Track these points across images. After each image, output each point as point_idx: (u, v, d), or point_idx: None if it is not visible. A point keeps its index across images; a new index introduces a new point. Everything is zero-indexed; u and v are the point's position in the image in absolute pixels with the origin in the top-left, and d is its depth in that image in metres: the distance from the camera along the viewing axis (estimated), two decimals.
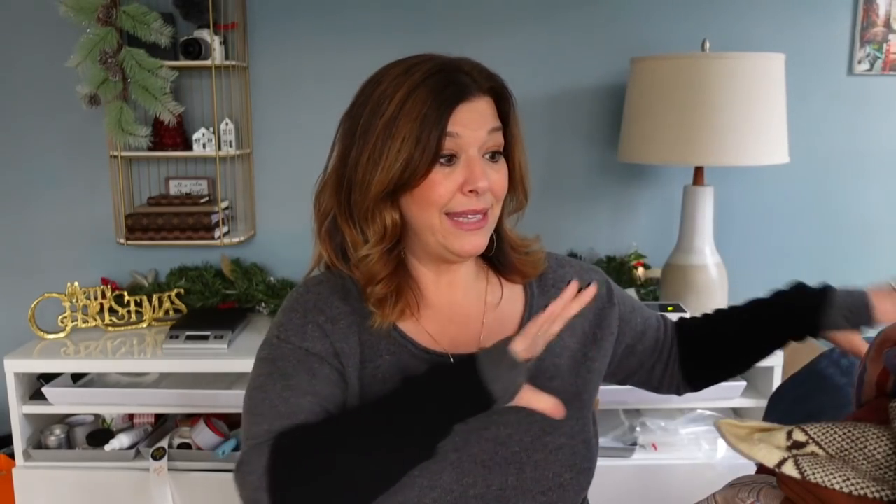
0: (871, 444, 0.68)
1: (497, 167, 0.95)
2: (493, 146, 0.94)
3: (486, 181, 0.92)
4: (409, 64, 0.92)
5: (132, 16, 2.04)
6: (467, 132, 0.91)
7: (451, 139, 0.90)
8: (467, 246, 0.94)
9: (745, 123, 1.87)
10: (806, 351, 2.18)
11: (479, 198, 0.93)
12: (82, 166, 2.31)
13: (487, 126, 0.93)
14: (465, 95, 0.91)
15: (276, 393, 0.89)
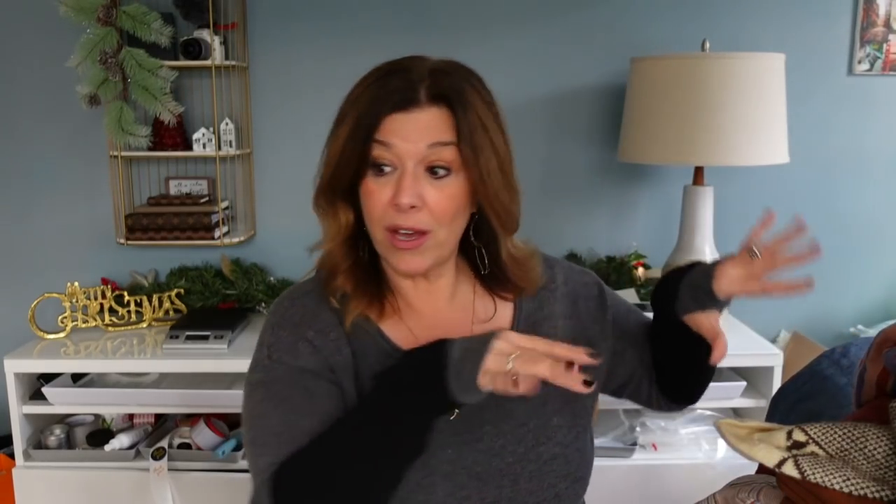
0: (871, 444, 0.68)
1: (440, 185, 0.87)
2: (435, 161, 0.86)
3: (410, 199, 0.85)
4: (381, 65, 0.90)
5: (132, 16, 2.04)
6: (402, 143, 0.85)
7: (383, 149, 0.86)
8: (402, 265, 0.90)
9: (745, 123, 1.87)
10: (806, 351, 2.19)
11: (410, 215, 0.86)
12: (82, 166, 2.31)
13: (428, 139, 0.85)
14: (403, 105, 0.85)
15: (278, 419, 0.87)
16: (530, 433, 0.95)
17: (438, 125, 0.86)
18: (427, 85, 0.86)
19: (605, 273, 2.28)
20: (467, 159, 0.86)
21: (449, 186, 0.87)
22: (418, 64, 0.88)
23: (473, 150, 0.86)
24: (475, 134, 0.86)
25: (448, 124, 0.86)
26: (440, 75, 0.87)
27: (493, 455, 0.93)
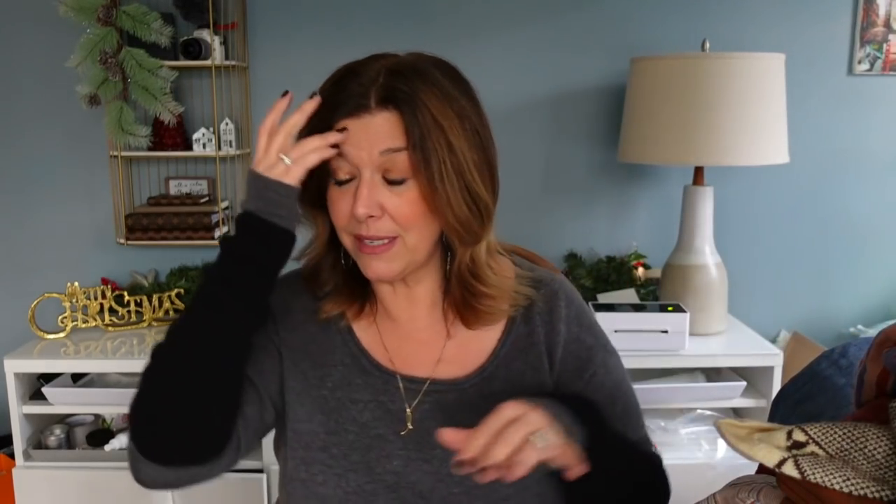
0: (871, 444, 0.68)
1: (399, 192, 0.83)
2: (390, 169, 0.83)
3: (367, 208, 0.82)
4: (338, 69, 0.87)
5: (132, 16, 2.04)
6: (355, 152, 0.83)
7: (339, 158, 0.84)
8: (370, 271, 0.87)
9: (745, 123, 1.87)
10: (806, 351, 2.19)
11: (371, 224, 0.84)
12: (82, 166, 2.31)
13: (380, 146, 0.82)
14: (354, 111, 0.82)
15: None
16: None
17: (389, 130, 0.82)
18: (377, 88, 0.82)
19: (605, 273, 2.28)
20: (416, 165, 0.82)
21: (408, 192, 0.83)
22: (374, 65, 0.84)
23: (424, 155, 0.81)
24: (428, 137, 0.81)
25: (400, 128, 0.82)
26: (393, 76, 0.83)
27: (440, 480, 0.89)
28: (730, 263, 2.13)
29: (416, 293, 0.95)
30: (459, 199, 0.83)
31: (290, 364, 0.94)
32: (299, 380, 0.93)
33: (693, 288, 2.03)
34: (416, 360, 0.94)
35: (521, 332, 0.94)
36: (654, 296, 2.24)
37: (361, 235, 0.85)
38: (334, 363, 0.94)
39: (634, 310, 1.93)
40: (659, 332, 1.90)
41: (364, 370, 0.93)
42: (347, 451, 0.91)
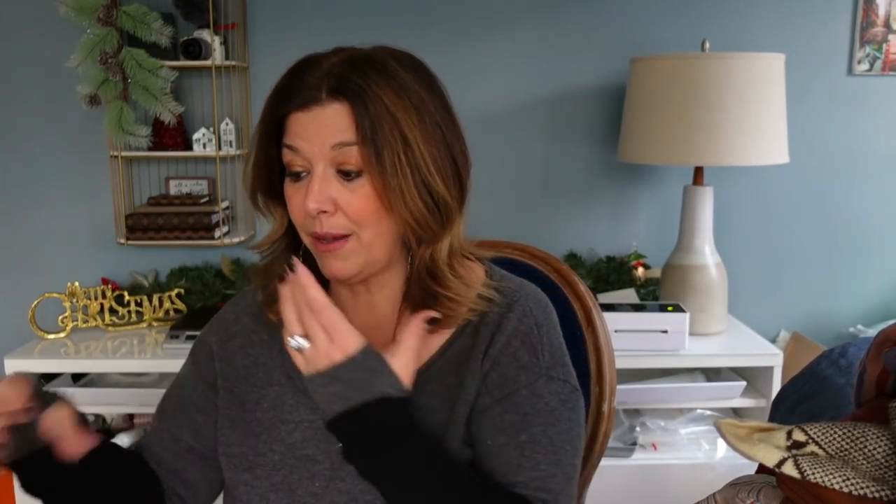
0: (870, 444, 0.68)
1: (352, 187, 0.80)
2: (342, 164, 0.79)
3: (318, 203, 0.79)
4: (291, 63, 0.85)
5: (132, 16, 2.04)
6: (305, 145, 0.79)
7: (292, 153, 0.81)
8: (326, 270, 0.84)
9: (745, 123, 1.87)
10: (806, 351, 2.19)
11: (324, 220, 0.80)
12: (82, 166, 2.31)
13: (331, 140, 0.79)
14: (304, 103, 0.79)
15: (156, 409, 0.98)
16: None
17: (340, 123, 0.78)
18: (329, 79, 0.79)
19: (605, 273, 2.28)
20: (368, 158, 0.78)
21: (361, 187, 0.80)
22: (331, 57, 0.81)
23: (376, 148, 0.78)
24: (379, 130, 0.78)
25: (348, 121, 0.78)
26: (347, 68, 0.79)
27: (351, 499, 0.85)
28: (730, 263, 2.13)
29: (376, 300, 0.91)
30: (415, 194, 0.80)
31: (226, 393, 0.93)
32: (234, 406, 0.92)
33: (693, 288, 2.03)
34: None
35: (465, 345, 0.88)
36: (654, 296, 2.24)
37: (316, 233, 0.82)
38: (271, 383, 0.92)
39: (634, 310, 1.93)
40: (659, 332, 1.90)
41: (297, 390, 0.90)
42: (271, 471, 0.88)
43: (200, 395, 0.94)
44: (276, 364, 0.92)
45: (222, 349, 0.95)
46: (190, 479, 0.94)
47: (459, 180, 0.85)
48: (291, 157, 0.81)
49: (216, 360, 0.95)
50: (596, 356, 1.17)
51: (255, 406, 0.91)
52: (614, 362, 1.18)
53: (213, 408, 0.94)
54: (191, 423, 0.94)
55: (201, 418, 0.94)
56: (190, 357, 0.98)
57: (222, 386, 0.94)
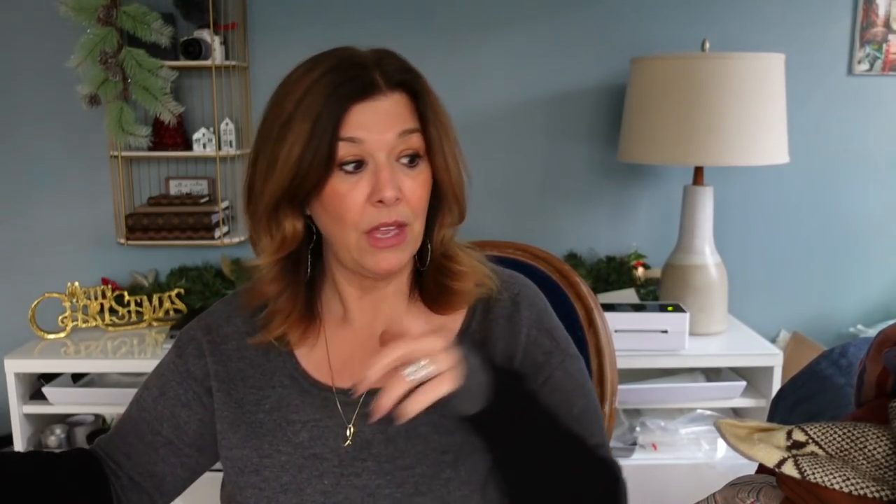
0: (870, 444, 0.68)
1: (414, 174, 0.83)
2: (406, 150, 0.82)
3: (394, 191, 0.80)
4: (316, 59, 0.83)
5: (132, 16, 2.04)
6: (370, 135, 0.80)
7: (351, 144, 0.79)
8: (382, 264, 0.83)
9: (745, 123, 1.87)
10: (806, 351, 2.19)
11: (391, 209, 0.81)
12: (82, 166, 2.31)
13: (397, 128, 0.81)
14: (365, 93, 0.80)
15: (132, 400, 0.97)
16: (413, 479, 0.85)
17: (402, 112, 0.82)
18: (381, 72, 0.81)
19: (605, 273, 2.28)
20: (434, 144, 0.83)
21: (421, 174, 0.83)
22: (363, 52, 0.83)
23: (438, 134, 0.84)
24: (437, 117, 0.84)
25: (409, 110, 0.82)
26: (393, 60, 0.83)
27: (368, 494, 0.86)
28: (730, 263, 2.13)
29: (387, 294, 0.91)
30: (461, 173, 0.87)
31: (223, 395, 0.92)
32: (233, 408, 0.92)
33: (693, 288, 2.03)
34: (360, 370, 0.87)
35: (476, 338, 0.91)
36: (654, 296, 2.24)
37: (380, 224, 0.81)
38: (273, 385, 0.91)
39: (634, 310, 1.93)
40: (659, 332, 1.90)
41: (303, 390, 0.91)
42: (279, 472, 0.88)
43: (187, 391, 0.94)
44: (275, 367, 0.92)
45: (216, 350, 0.94)
46: (158, 473, 0.93)
47: None
48: (349, 150, 0.80)
49: (209, 360, 0.93)
50: (597, 357, 1.17)
51: (256, 407, 0.91)
52: (615, 363, 1.18)
53: (199, 405, 0.93)
54: (173, 418, 0.93)
55: (185, 414, 0.93)
56: (174, 350, 0.96)
57: (218, 388, 0.93)
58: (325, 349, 0.92)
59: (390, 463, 0.86)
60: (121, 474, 0.93)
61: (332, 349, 0.92)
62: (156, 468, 0.93)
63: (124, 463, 0.93)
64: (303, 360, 0.92)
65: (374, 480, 0.86)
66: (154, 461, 0.93)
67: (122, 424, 0.96)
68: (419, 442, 0.87)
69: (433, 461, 0.86)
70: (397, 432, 0.86)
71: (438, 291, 0.90)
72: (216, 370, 0.93)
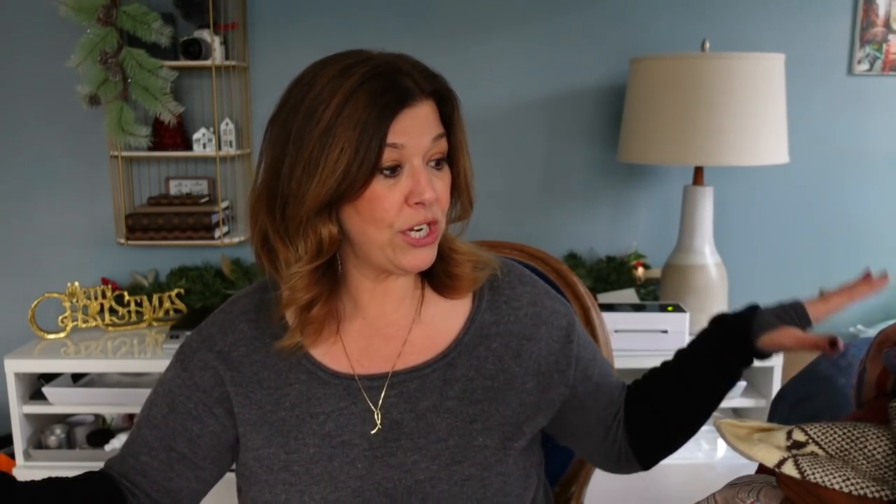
0: (870, 444, 0.68)
1: (441, 175, 0.88)
2: (437, 154, 0.86)
3: (433, 192, 0.84)
4: (344, 65, 0.83)
5: (132, 16, 2.04)
6: (410, 141, 0.83)
7: (393, 150, 0.82)
8: (416, 261, 0.87)
9: (745, 123, 1.87)
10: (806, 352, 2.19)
11: (427, 210, 0.85)
12: (82, 166, 2.31)
13: (431, 133, 0.85)
14: (406, 101, 0.83)
15: (139, 418, 0.96)
16: (448, 450, 0.90)
17: (435, 117, 0.87)
18: (419, 80, 0.85)
19: (605, 273, 2.28)
20: (459, 147, 0.89)
21: (447, 175, 0.89)
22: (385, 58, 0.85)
23: (460, 137, 0.89)
24: (460, 121, 0.89)
25: (437, 116, 0.87)
26: (418, 67, 0.86)
27: (405, 471, 0.90)
28: (730, 263, 2.13)
29: (394, 286, 0.94)
30: (473, 177, 0.92)
31: (242, 399, 0.92)
32: (254, 410, 0.92)
33: (693, 288, 2.03)
34: (379, 357, 0.93)
35: (487, 320, 0.96)
36: (654, 296, 2.24)
37: (417, 223, 0.85)
38: (290, 382, 0.92)
39: (634, 310, 1.93)
40: (659, 332, 1.90)
41: (322, 381, 0.92)
42: (309, 464, 0.90)
43: (197, 404, 0.93)
44: (289, 365, 0.92)
45: (226, 358, 0.93)
46: (174, 489, 0.93)
47: None
48: (390, 154, 0.83)
49: (221, 368, 0.93)
50: None
51: (276, 406, 0.92)
52: (613, 362, 1.18)
53: (209, 416, 0.93)
54: (186, 432, 0.93)
55: (197, 427, 0.93)
56: (178, 365, 0.95)
57: (236, 392, 0.92)
58: (340, 342, 0.94)
59: (424, 438, 0.91)
60: (137, 492, 0.93)
61: (347, 341, 0.94)
62: (172, 484, 0.93)
63: (140, 482, 0.93)
64: (317, 355, 0.93)
65: (409, 457, 0.90)
66: (170, 477, 0.93)
67: (134, 443, 0.95)
68: (448, 415, 0.91)
69: (464, 431, 0.91)
70: (426, 409, 0.91)
71: (446, 277, 0.95)
72: (231, 376, 0.93)
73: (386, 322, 0.95)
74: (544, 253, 1.25)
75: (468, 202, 0.93)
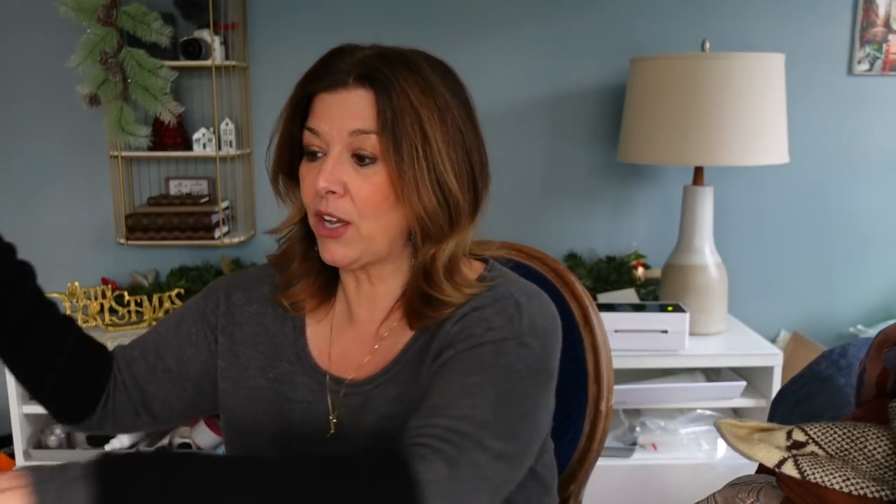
0: (870, 444, 0.68)
1: (365, 173, 0.81)
2: (357, 148, 0.81)
3: (328, 183, 0.81)
4: None
5: (132, 16, 2.04)
6: (327, 127, 0.82)
7: (312, 135, 0.83)
8: (326, 254, 0.85)
9: (744, 123, 1.87)
10: (806, 351, 2.19)
11: (330, 201, 0.82)
12: (82, 166, 2.31)
13: (351, 125, 0.81)
14: (327, 84, 0.82)
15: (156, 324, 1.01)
16: None
17: (363, 110, 0.81)
18: (359, 67, 0.81)
19: (605, 273, 2.28)
20: (385, 148, 0.80)
21: (375, 174, 0.81)
22: (367, 49, 0.84)
23: (394, 139, 0.80)
24: (400, 122, 0.80)
25: (370, 109, 0.81)
26: (378, 59, 0.81)
27: None
28: (730, 263, 2.13)
29: (377, 292, 0.91)
30: (428, 188, 0.82)
31: (230, 355, 0.95)
32: (238, 369, 0.95)
33: (693, 288, 2.03)
34: (351, 362, 0.92)
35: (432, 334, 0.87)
36: (654, 296, 2.24)
37: (320, 212, 0.83)
38: (281, 358, 0.94)
39: (634, 310, 1.93)
40: (659, 332, 1.90)
41: (305, 370, 0.93)
42: (269, 441, 0.91)
43: (198, 332, 0.97)
44: (287, 341, 0.94)
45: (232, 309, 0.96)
46: (149, 392, 0.96)
47: (475, 187, 0.89)
48: (311, 138, 0.84)
49: (221, 317, 0.97)
50: (593, 355, 1.17)
51: (259, 373, 0.94)
52: (611, 361, 1.18)
53: (206, 348, 0.96)
54: (179, 351, 0.96)
55: (191, 351, 0.96)
56: (202, 293, 1.00)
57: (224, 344, 0.96)
58: (329, 334, 0.94)
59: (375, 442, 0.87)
60: (119, 378, 0.95)
61: (336, 338, 0.94)
62: (148, 388, 0.95)
63: (124, 371, 0.96)
64: (310, 341, 0.94)
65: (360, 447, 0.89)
66: (149, 381, 0.95)
67: (138, 339, 0.99)
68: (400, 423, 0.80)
69: None
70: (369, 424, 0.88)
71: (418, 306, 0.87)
72: (223, 325, 0.96)
73: (368, 331, 0.92)
74: (542, 253, 1.25)
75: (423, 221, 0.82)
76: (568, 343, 0.96)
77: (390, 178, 0.81)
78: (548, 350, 0.85)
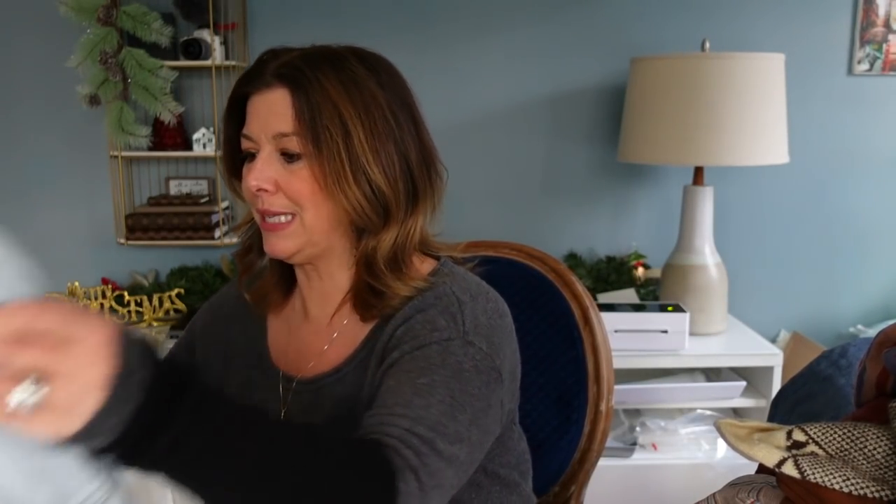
0: (870, 444, 0.68)
1: (293, 169, 0.83)
2: (283, 148, 0.83)
3: (258, 181, 0.83)
4: None
5: (132, 16, 2.04)
6: (254, 130, 0.85)
7: (245, 139, 0.86)
8: (269, 247, 0.87)
9: (744, 123, 1.87)
10: (806, 351, 2.19)
11: (265, 198, 0.84)
12: (82, 166, 2.31)
13: (273, 128, 0.83)
14: (253, 87, 0.85)
15: None
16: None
17: (283, 110, 0.82)
18: (280, 66, 0.83)
19: (605, 273, 2.28)
20: (304, 144, 0.82)
21: (301, 170, 0.83)
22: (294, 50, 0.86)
23: (313, 135, 0.81)
24: (318, 118, 0.81)
25: (289, 109, 0.82)
26: (301, 58, 0.83)
27: None
28: (730, 263, 2.13)
29: (327, 287, 0.92)
30: (352, 181, 0.82)
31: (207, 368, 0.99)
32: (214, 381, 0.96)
33: (693, 288, 2.03)
34: (303, 359, 0.93)
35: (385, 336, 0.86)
36: (654, 296, 2.24)
37: (259, 210, 0.86)
38: (245, 365, 0.97)
39: (634, 310, 1.93)
40: (659, 332, 1.90)
41: (262, 369, 0.95)
42: None
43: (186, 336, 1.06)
44: (250, 345, 0.97)
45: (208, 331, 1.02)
46: None
47: (412, 179, 0.86)
48: (244, 140, 0.86)
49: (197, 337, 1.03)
50: (594, 355, 1.17)
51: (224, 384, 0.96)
52: (612, 361, 1.18)
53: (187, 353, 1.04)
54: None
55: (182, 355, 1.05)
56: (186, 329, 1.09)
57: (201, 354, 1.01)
58: (287, 332, 0.96)
59: None
60: None
61: (293, 335, 0.96)
62: None
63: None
64: (271, 341, 0.97)
65: None
66: None
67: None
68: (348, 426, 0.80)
69: None
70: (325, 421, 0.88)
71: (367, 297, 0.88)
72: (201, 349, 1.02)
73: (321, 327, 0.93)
74: (542, 252, 1.25)
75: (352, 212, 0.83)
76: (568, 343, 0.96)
77: (314, 174, 0.83)
78: (495, 348, 0.85)
